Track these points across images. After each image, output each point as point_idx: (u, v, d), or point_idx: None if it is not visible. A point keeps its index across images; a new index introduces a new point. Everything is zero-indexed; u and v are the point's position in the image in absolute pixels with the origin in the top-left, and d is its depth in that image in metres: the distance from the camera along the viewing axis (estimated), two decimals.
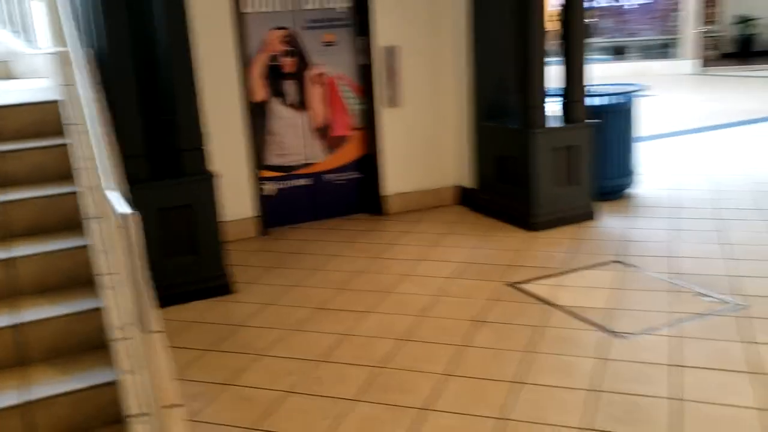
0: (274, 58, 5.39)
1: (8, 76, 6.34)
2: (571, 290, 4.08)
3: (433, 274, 4.41)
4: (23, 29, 6.13)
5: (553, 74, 5.20)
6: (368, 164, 5.83)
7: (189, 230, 4.09)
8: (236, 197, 5.31)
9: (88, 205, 2.90)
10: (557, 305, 3.87)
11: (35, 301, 2.78)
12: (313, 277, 4.50)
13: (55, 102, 3.44)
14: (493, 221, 5.44)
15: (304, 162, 5.66)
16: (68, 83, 3.17)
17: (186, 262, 4.11)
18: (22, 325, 2.63)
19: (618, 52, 16.93)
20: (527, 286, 4.16)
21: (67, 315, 2.70)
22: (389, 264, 4.64)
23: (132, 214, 1.89)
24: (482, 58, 5.42)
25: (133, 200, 4.02)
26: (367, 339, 3.60)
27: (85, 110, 2.51)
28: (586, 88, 5.28)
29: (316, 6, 5.46)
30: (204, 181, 4.08)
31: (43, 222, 3.05)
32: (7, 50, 6.33)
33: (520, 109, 5.10)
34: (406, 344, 3.51)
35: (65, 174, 3.20)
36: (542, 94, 5.06)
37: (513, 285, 4.18)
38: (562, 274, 4.32)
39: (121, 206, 1.94)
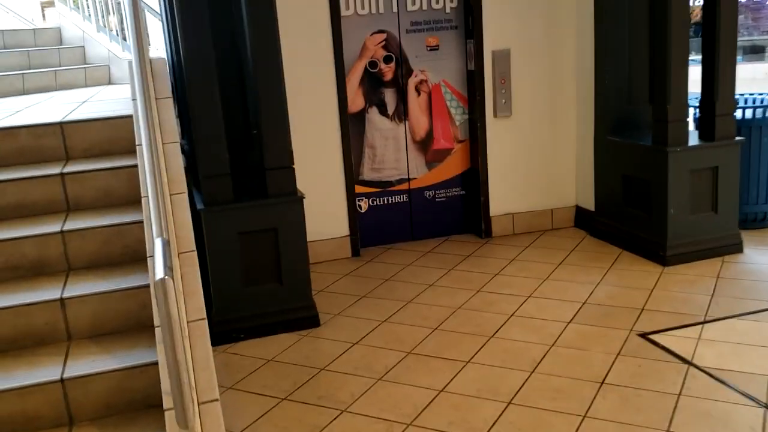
0: (373, 64, 4.95)
1: (109, 81, 6.28)
2: (716, 346, 3.35)
3: (546, 316, 3.80)
4: (121, 30, 6.03)
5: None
6: (472, 180, 5.27)
7: (273, 256, 3.70)
8: (329, 215, 4.92)
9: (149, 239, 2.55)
10: (700, 367, 3.16)
11: (88, 348, 2.46)
12: (406, 311, 4.00)
13: (129, 117, 3.14)
14: (617, 250, 4.74)
15: (401, 177, 5.19)
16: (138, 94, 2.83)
17: (269, 290, 3.73)
18: (72, 380, 2.30)
19: (755, 52, 15.35)
20: (661, 338, 3.47)
21: (123, 369, 2.34)
22: (493, 300, 4.07)
23: (166, 277, 1.47)
24: (609, 63, 4.72)
25: (214, 223, 3.72)
26: (464, 399, 3.05)
27: (141, 127, 2.14)
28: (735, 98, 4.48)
29: (420, 7, 4.97)
30: (291, 203, 3.68)
31: (107, 254, 2.73)
32: (108, 54, 6.27)
33: (654, 123, 4.38)
34: (512, 410, 2.94)
35: (134, 199, 2.88)
36: (683, 106, 4.31)
37: (644, 336, 3.50)
38: (704, 323, 3.59)
39: (159, 265, 1.53)
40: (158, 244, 1.72)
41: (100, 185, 2.88)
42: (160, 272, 1.49)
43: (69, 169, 2.91)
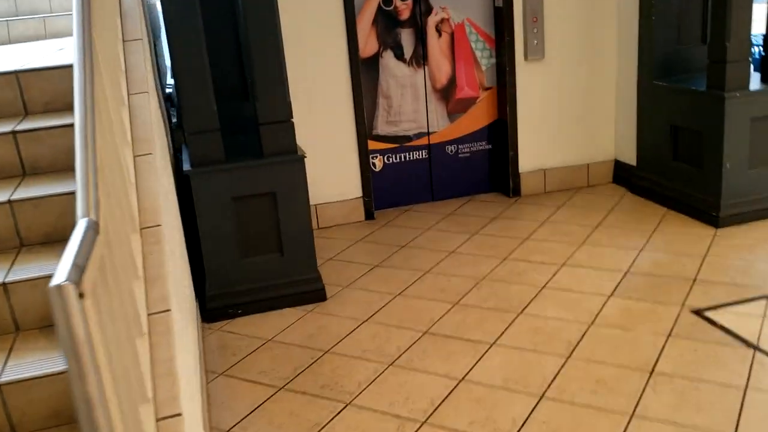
0: (387, 1, 4.39)
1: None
2: None
3: (583, 288, 3.33)
4: None
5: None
6: (500, 133, 4.74)
7: (272, 224, 3.27)
8: (339, 174, 4.45)
9: None
10: None
11: (36, 343, 2.06)
12: (422, 282, 3.55)
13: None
14: (661, 210, 4.22)
15: (420, 131, 4.68)
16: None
17: (268, 262, 3.31)
18: (12, 384, 1.90)
19: None
20: (719, 316, 2.98)
21: None
22: (522, 269, 3.60)
23: (66, 283, 1.04)
24: None
25: (203, 186, 3.28)
26: (488, 391, 2.62)
27: (75, 72, 1.68)
28: None
29: None
30: (290, 163, 3.22)
31: (64, 228, 2.31)
32: None
33: (709, 65, 3.79)
34: (545, 406, 2.50)
35: None
36: (745, 43, 3.71)
37: (698, 313, 3.02)
38: None
39: (64, 265, 1.09)
40: (80, 227, 1.29)
41: (61, 145, 2.46)
42: (61, 275, 1.06)
43: (24, 126, 2.49)
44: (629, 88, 4.48)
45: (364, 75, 4.44)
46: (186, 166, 3.10)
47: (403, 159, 4.70)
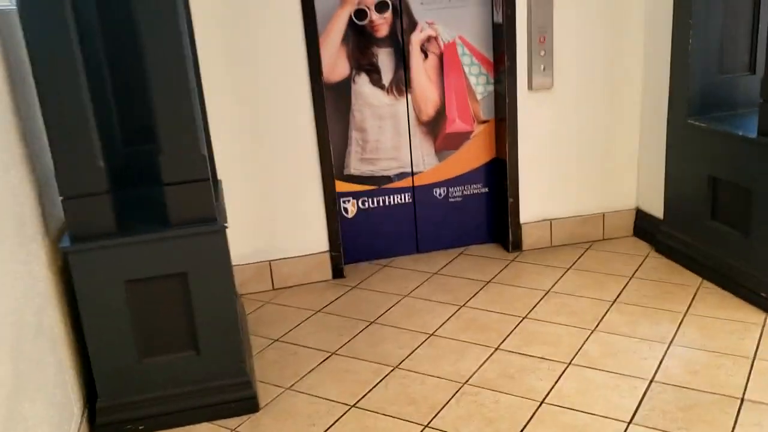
0: (360, 14, 3.59)
1: None
2: None
3: (593, 407, 2.50)
4: None
5: None
6: (498, 175, 3.94)
7: (183, 314, 2.48)
8: (300, 222, 3.66)
9: None
10: None
11: None
12: (388, 386, 2.74)
13: None
14: (695, 279, 3.39)
15: (403, 170, 3.87)
16: None
17: (179, 363, 2.51)
18: None
19: None
20: None
21: None
22: (515, 369, 2.78)
23: None
24: (695, 16, 3.27)
25: (86, 267, 2.24)
26: None
27: None
28: None
29: None
30: (206, 235, 2.43)
31: None
32: None
33: (762, 104, 2.95)
34: None
35: None
36: None
37: None
38: None
39: None
40: None
41: None
42: None
43: None
44: (657, 125, 3.65)
45: (332, 103, 3.65)
46: (64, 243, 2.32)
47: (381, 203, 3.90)
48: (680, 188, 3.55)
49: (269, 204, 3.60)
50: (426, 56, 3.72)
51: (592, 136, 3.82)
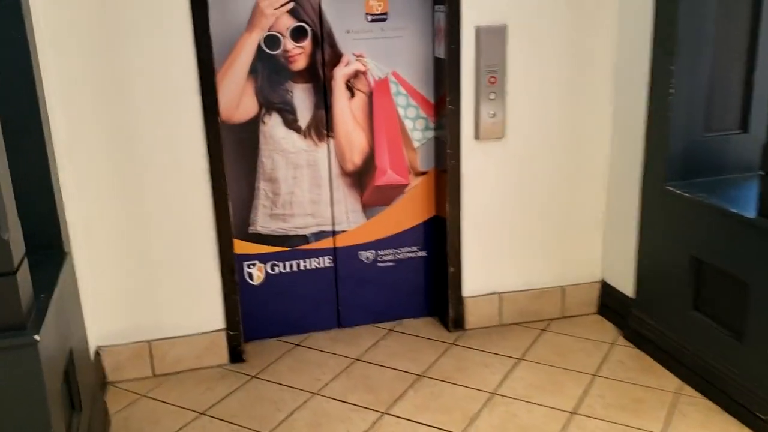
0: (272, 41, 2.91)
1: None
2: None
3: None
4: None
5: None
6: (437, 237, 3.28)
7: None
8: (188, 294, 2.94)
9: None
10: None
11: None
12: None
13: None
14: (672, 380, 2.76)
15: (322, 229, 3.18)
16: None
17: None
18: None
19: None
20: None
21: None
22: None
23: None
24: (679, 61, 2.66)
25: None
26: None
27: None
28: None
29: None
30: (13, 350, 1.70)
31: None
32: None
33: (763, 178, 2.33)
34: None
35: None
36: None
37: None
38: None
39: None
40: None
41: None
42: None
43: None
44: (628, 187, 3.04)
45: (234, 148, 2.95)
46: None
47: (295, 268, 3.19)
48: (656, 265, 2.93)
49: (150, 270, 2.88)
50: (352, 94, 3.05)
51: (550, 195, 3.19)
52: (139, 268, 2.86)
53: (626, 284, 3.16)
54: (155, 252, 2.86)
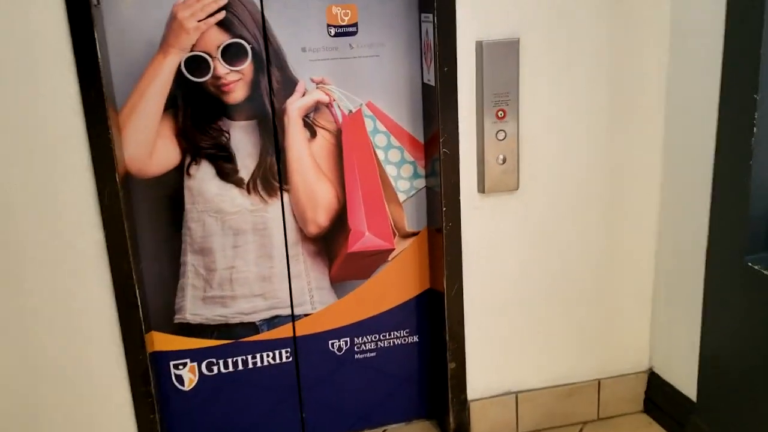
0: (197, 65, 2.12)
1: None
2: None
3: None
4: None
5: None
6: (434, 315, 2.48)
7: None
8: (87, 418, 2.14)
9: None
10: None
11: None
12: None
13: None
14: None
15: (278, 313, 2.38)
16: None
17: None
18: None
19: None
20: None
21: None
22: None
23: None
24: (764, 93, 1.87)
25: None
26: None
27: None
28: None
29: None
30: None
31: None
32: None
33: None
34: None
35: None
36: None
37: None
38: None
39: None
40: None
41: None
42: None
43: None
44: (688, 257, 2.22)
45: (149, 210, 2.17)
46: None
47: (241, 366, 2.39)
48: (730, 361, 2.12)
49: (36, 385, 2.09)
50: (313, 134, 2.26)
51: (582, 265, 2.38)
52: (21, 384, 2.07)
53: (685, 381, 2.34)
54: (42, 362, 2.07)
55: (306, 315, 2.40)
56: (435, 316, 2.46)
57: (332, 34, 2.19)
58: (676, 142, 2.26)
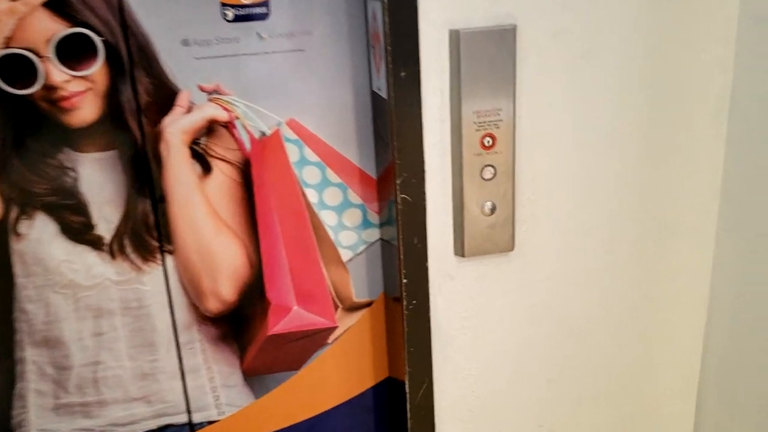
0: (17, 68, 1.37)
1: None
2: None
3: None
4: None
5: None
6: (396, 413, 1.76)
7: None
8: None
9: None
10: None
11: None
12: None
13: None
14: None
15: (167, 422, 1.65)
16: None
17: None
18: None
19: None
20: None
21: None
22: None
23: None
24: None
25: None
26: None
27: None
28: None
29: None
30: None
31: None
32: None
33: None
34: None
35: None
36: None
37: None
38: None
39: None
40: None
41: None
42: None
43: None
44: (753, 340, 1.51)
45: None
46: None
47: None
48: None
49: None
50: (207, 168, 1.51)
51: (602, 356, 1.66)
52: None
53: None
54: None
55: (211, 422, 1.68)
56: (398, 412, 1.74)
57: (230, 19, 1.43)
58: (740, 178, 1.52)
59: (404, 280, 1.50)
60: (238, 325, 1.63)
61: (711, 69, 1.48)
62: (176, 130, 1.46)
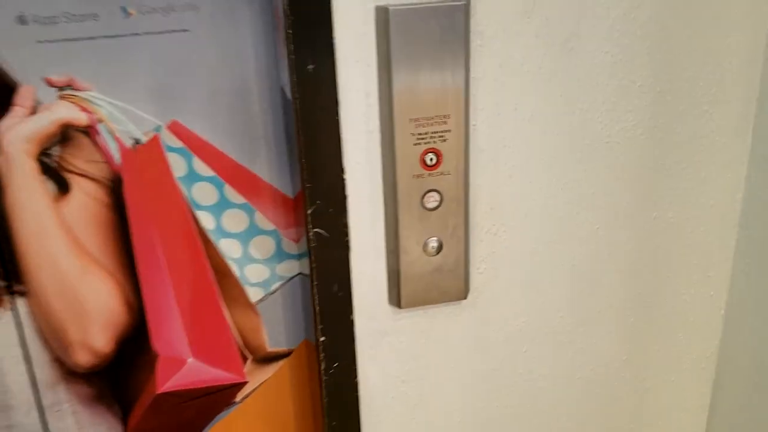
0: None
1: None
2: None
3: None
4: None
5: None
6: None
7: None
8: None
9: None
10: None
11: None
12: None
13: None
14: None
15: None
16: None
17: None
18: None
19: None
20: None
21: None
22: None
23: None
24: None
25: None
26: None
27: None
28: None
29: None
30: None
31: None
32: None
33: None
34: None
35: None
36: None
37: None
38: None
39: None
40: None
41: None
42: None
43: None
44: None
45: None
46: None
47: None
48: None
49: None
50: (64, 187, 1.14)
51: (585, 423, 1.32)
52: None
53: None
54: None
55: None
56: None
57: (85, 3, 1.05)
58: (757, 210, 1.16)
59: (321, 338, 1.14)
60: (118, 381, 1.28)
61: (736, 60, 1.11)
62: (17, 138, 1.09)
